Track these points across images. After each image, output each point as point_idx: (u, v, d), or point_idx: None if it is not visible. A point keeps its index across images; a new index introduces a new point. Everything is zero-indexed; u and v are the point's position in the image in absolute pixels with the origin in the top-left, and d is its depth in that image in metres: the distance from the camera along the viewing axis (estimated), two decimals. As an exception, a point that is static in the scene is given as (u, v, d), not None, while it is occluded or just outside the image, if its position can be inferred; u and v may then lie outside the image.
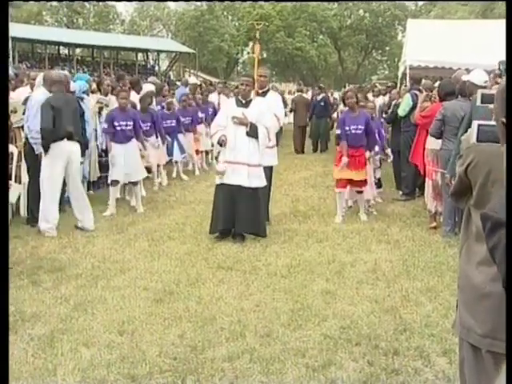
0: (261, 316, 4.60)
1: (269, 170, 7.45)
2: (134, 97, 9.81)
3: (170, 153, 10.57)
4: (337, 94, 21.37)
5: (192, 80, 16.69)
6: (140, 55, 48.40)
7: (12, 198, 6.52)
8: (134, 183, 8.26)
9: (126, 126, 8.05)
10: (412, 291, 5.20)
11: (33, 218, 7.08)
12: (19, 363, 3.75)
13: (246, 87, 6.80)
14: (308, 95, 18.06)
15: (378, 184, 9.06)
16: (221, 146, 6.74)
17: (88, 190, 9.20)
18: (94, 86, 10.44)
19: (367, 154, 7.85)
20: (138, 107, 9.76)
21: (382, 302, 4.95)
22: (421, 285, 5.37)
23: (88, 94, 8.97)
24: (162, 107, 10.92)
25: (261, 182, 6.81)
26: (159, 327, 4.36)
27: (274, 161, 7.62)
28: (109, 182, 8.39)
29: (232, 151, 6.68)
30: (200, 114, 11.88)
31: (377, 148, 8.38)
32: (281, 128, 21.64)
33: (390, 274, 5.68)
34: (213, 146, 8.90)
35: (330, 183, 10.73)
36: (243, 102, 6.83)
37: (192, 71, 45.67)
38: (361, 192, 7.90)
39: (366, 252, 6.45)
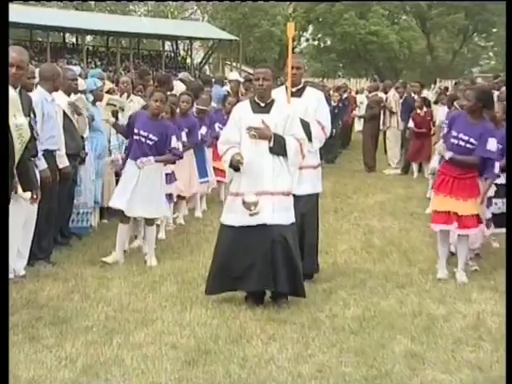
0: (324, 385, 4.59)
1: (314, 199, 7.03)
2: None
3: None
4: (426, 93, 20.67)
5: (233, 76, 15.96)
6: (167, 44, 49.28)
7: None
8: (149, 222, 7.68)
9: (147, 137, 7.43)
10: (528, 355, 5.11)
11: (31, 254, 7.17)
12: None
13: (264, 82, 6.11)
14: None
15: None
16: (236, 170, 6.14)
17: (101, 218, 9.35)
18: (111, 85, 10.58)
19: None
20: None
21: (487, 369, 4.86)
22: (540, 347, 5.26)
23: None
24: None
25: (289, 216, 6.17)
26: (191, 397, 4.40)
27: (319, 186, 7.08)
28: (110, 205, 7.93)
29: (249, 177, 6.08)
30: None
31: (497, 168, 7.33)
32: (349, 138, 21.19)
33: (497, 333, 5.58)
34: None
35: (415, 210, 10.70)
36: (262, 105, 6.21)
37: (234, 64, 46.12)
38: (466, 235, 7.09)
39: (465, 302, 6.38)
